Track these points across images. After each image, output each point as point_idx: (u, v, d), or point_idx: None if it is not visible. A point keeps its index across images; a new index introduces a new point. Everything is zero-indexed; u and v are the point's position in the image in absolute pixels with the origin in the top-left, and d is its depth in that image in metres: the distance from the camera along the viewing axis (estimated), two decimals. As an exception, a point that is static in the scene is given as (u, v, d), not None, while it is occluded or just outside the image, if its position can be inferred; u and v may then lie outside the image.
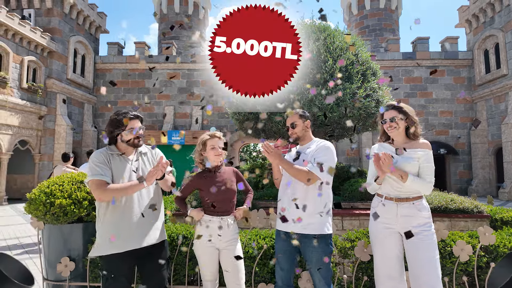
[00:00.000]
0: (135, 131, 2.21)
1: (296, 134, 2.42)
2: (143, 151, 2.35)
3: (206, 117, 18.31)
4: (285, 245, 2.30)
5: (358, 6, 24.16)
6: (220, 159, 2.38)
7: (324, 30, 6.01)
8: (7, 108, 13.25)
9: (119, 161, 2.22)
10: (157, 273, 2.24)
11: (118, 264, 2.13)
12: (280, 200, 2.41)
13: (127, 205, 2.17)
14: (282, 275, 2.31)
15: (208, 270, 2.32)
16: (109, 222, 2.14)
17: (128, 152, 2.28)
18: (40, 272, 4.46)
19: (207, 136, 2.40)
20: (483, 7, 17.04)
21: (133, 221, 2.16)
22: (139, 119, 2.29)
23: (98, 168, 2.10)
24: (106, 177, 2.08)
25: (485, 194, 16.53)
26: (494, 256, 2.72)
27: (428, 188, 2.17)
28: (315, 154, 2.29)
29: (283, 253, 2.31)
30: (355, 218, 4.72)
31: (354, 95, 5.36)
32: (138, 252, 2.18)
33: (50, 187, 2.87)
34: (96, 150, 2.29)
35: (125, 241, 2.12)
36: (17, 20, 13.66)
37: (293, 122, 2.42)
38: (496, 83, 16.30)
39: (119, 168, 2.18)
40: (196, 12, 24.27)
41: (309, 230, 2.22)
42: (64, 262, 2.74)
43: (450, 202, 4.62)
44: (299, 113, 2.44)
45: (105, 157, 2.18)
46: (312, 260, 2.22)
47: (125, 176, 2.18)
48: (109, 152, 2.22)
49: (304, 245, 2.24)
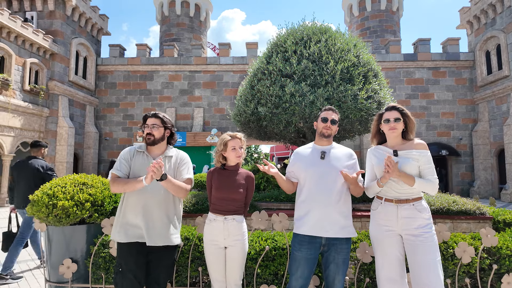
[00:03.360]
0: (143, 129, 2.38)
1: (331, 131, 2.42)
2: (169, 155, 2.42)
3: (208, 118, 18.34)
4: (310, 252, 2.22)
5: (359, 8, 24.17)
6: (240, 160, 2.43)
7: (325, 32, 6.02)
8: (10, 110, 13.31)
9: (142, 158, 2.36)
10: (161, 274, 2.27)
11: (125, 255, 2.24)
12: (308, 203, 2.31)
13: (140, 201, 2.27)
14: (302, 283, 2.21)
15: (213, 269, 2.34)
16: (124, 212, 2.30)
17: (154, 152, 2.40)
18: (42, 274, 4.47)
19: (228, 137, 2.42)
20: (485, 8, 17.03)
21: (147, 218, 2.25)
22: (158, 118, 2.40)
23: (118, 163, 2.33)
24: (119, 172, 2.28)
25: (487, 195, 16.46)
26: (496, 258, 2.71)
27: (435, 187, 2.19)
28: (353, 166, 2.37)
29: (305, 262, 2.21)
30: (357, 219, 4.71)
31: (356, 96, 5.36)
32: (147, 250, 2.25)
33: (52, 189, 2.89)
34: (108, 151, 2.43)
35: (132, 234, 2.23)
36: (19, 22, 13.73)
37: (335, 119, 2.43)
38: (498, 84, 16.26)
39: (140, 165, 2.33)
40: (198, 14, 24.34)
41: (344, 234, 2.23)
42: (66, 263, 2.75)
43: (452, 204, 4.60)
44: (338, 115, 2.48)
45: (129, 153, 2.37)
46: (338, 262, 2.21)
47: (141, 173, 2.29)
48: (137, 149, 2.40)
49: (331, 247, 2.22)
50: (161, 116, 2.41)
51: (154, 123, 2.36)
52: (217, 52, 34.24)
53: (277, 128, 5.65)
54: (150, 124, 2.35)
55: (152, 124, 2.35)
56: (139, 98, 18.57)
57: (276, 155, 33.30)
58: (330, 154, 2.37)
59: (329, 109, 2.47)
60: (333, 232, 2.20)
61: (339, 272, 2.19)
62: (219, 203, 2.35)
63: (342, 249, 2.21)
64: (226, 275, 2.34)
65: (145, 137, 2.36)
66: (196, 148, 16.74)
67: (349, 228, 2.26)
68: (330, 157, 2.35)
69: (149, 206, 2.26)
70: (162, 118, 2.41)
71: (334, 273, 2.19)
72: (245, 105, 6.00)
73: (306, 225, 2.24)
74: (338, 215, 2.23)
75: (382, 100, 5.72)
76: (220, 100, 18.43)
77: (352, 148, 17.72)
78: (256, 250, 2.77)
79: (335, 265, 2.19)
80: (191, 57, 18.59)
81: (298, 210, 2.34)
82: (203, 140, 16.53)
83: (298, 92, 5.31)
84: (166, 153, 2.41)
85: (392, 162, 2.11)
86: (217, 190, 2.36)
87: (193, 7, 23.97)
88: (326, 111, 2.46)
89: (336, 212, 2.23)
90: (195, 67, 18.54)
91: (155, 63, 18.63)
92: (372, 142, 2.48)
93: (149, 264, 2.28)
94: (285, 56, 5.83)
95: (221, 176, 2.41)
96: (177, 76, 18.66)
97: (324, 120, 2.41)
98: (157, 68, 18.65)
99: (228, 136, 2.42)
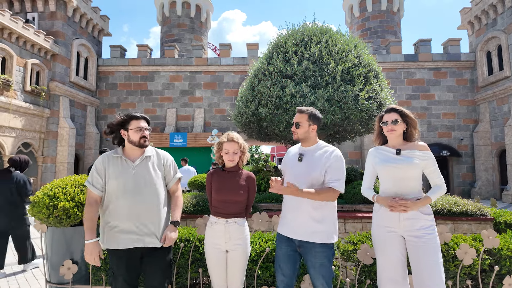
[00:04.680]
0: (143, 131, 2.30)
1: (297, 135, 2.32)
2: (147, 155, 2.36)
3: (209, 119, 18.35)
4: (289, 249, 2.26)
5: (360, 8, 24.17)
6: (232, 164, 2.38)
7: (326, 32, 6.02)
8: (11, 111, 13.33)
9: (120, 163, 2.28)
10: (156, 276, 2.25)
11: (115, 261, 2.22)
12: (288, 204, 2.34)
13: (120, 206, 2.21)
14: (286, 282, 2.24)
15: (214, 273, 2.33)
16: (110, 218, 2.24)
17: (133, 154, 2.33)
18: (43, 274, 4.47)
19: (225, 139, 2.38)
20: (485, 9, 17.01)
21: (137, 222, 2.21)
22: (146, 120, 2.37)
23: (91, 176, 2.28)
24: (92, 187, 2.24)
25: (488, 196, 16.43)
26: (498, 259, 2.70)
27: (444, 188, 2.26)
28: (331, 166, 2.19)
29: (286, 259, 2.26)
30: (358, 221, 4.71)
31: (356, 97, 5.35)
32: (137, 254, 2.23)
33: (53, 190, 2.89)
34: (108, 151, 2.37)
35: (124, 240, 2.19)
36: (20, 23, 13.76)
37: (299, 122, 2.30)
38: (499, 85, 16.24)
39: (118, 171, 2.25)
40: (198, 15, 24.36)
41: (316, 239, 2.16)
42: (67, 264, 2.75)
43: (453, 205, 4.59)
44: (308, 115, 2.30)
45: (103, 163, 2.28)
46: (315, 266, 2.17)
47: (125, 179, 2.24)
48: (113, 154, 2.31)
49: (306, 250, 2.20)
50: (147, 117, 2.40)
51: (147, 126, 2.34)
52: (217, 53, 34.26)
53: (277, 129, 5.64)
54: (143, 127, 2.31)
55: (145, 127, 2.32)
56: (140, 98, 18.59)
57: (277, 155, 33.29)
58: (308, 157, 2.28)
59: (297, 111, 2.36)
60: (303, 236, 2.18)
61: (318, 276, 2.15)
62: (219, 205, 2.33)
63: (317, 252, 2.16)
64: (227, 279, 2.32)
65: (139, 141, 2.28)
66: (197, 149, 16.74)
67: (321, 233, 2.17)
68: (307, 159, 2.27)
69: (138, 209, 2.21)
70: (149, 119, 2.40)
71: (314, 277, 2.18)
72: (246, 106, 6.00)
73: (283, 226, 2.33)
74: (310, 219, 2.18)
75: (383, 100, 5.71)
76: (220, 100, 18.43)
77: (353, 149, 17.69)
78: (257, 252, 2.76)
79: (313, 270, 2.18)
80: (192, 58, 18.60)
81: (282, 210, 2.44)
82: (204, 141, 16.52)
83: (299, 93, 5.31)
84: (146, 154, 2.35)
85: (400, 204, 2.15)
86: (217, 193, 2.33)
87: (194, 8, 24.00)
88: (296, 114, 2.36)
89: (307, 217, 2.19)
90: (196, 68, 18.55)
91: (156, 63, 18.65)
92: (375, 142, 2.48)
93: (144, 267, 2.26)
94: (285, 57, 5.82)
95: (221, 178, 2.38)
96: (177, 77, 18.67)
97: (294, 125, 2.36)
98: (158, 69, 18.67)
99: (224, 138, 2.38)
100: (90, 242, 2.13)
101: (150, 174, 2.30)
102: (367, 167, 2.45)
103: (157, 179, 2.32)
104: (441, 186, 2.24)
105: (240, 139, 2.39)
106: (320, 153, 2.26)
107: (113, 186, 2.22)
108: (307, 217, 2.19)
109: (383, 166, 2.28)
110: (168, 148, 16.14)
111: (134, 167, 2.27)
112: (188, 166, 10.00)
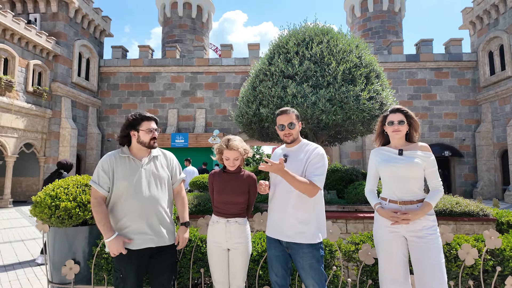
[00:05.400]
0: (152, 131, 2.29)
1: (292, 136, 2.31)
2: (155, 154, 2.38)
3: (210, 119, 18.36)
4: (277, 251, 2.27)
5: (361, 9, 24.17)
6: (233, 168, 2.37)
7: (327, 33, 6.01)
8: (13, 111, 13.38)
9: (128, 163, 2.28)
10: (165, 275, 2.26)
11: (126, 262, 2.18)
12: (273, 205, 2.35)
13: (130, 204, 2.20)
14: (281, 283, 2.26)
15: (216, 271, 2.34)
16: (122, 219, 2.21)
17: (140, 154, 2.33)
18: (45, 274, 4.49)
19: (225, 146, 2.32)
20: (487, 8, 16.97)
21: (150, 221, 2.21)
22: (155, 120, 2.37)
23: (97, 174, 2.22)
24: (98, 187, 2.19)
25: (490, 196, 16.38)
26: (500, 260, 2.69)
27: (442, 192, 2.26)
28: (311, 161, 2.20)
29: (276, 260, 2.27)
30: (360, 221, 4.70)
31: (358, 97, 5.35)
32: (147, 253, 2.22)
33: (55, 190, 2.89)
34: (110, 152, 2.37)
35: (139, 241, 2.18)
36: (23, 24, 13.82)
37: (292, 122, 2.30)
38: (501, 84, 16.19)
39: (127, 170, 2.24)
40: (200, 16, 24.40)
41: (302, 239, 2.15)
42: (69, 265, 2.75)
43: (455, 205, 4.58)
44: (295, 113, 2.32)
45: (109, 161, 2.25)
46: (304, 267, 2.16)
47: (134, 178, 2.23)
48: (120, 154, 2.30)
49: (294, 251, 2.19)
50: (157, 119, 2.41)
51: (156, 127, 2.36)
52: (219, 53, 34.29)
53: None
54: (153, 128, 2.31)
55: (155, 129, 2.33)
56: (142, 99, 18.63)
57: (278, 156, 33.07)
58: (293, 158, 2.28)
59: (281, 113, 2.32)
60: (289, 238, 2.18)
61: (308, 277, 2.14)
62: (220, 206, 2.35)
63: (305, 253, 2.14)
64: (229, 277, 2.34)
65: (149, 142, 2.29)
66: (198, 149, 16.76)
67: (307, 234, 2.15)
68: (291, 160, 2.28)
69: (150, 208, 2.22)
70: (157, 120, 2.41)
71: (305, 278, 2.17)
72: (247, 106, 6.01)
73: (269, 227, 2.34)
74: (294, 220, 2.18)
75: (384, 101, 5.70)
76: (222, 101, 18.45)
77: (354, 149, 17.68)
78: (258, 252, 2.76)
79: (303, 271, 2.17)
80: (193, 59, 18.63)
81: (268, 211, 2.43)
82: (205, 141, 16.55)
83: (300, 93, 5.31)
84: (153, 153, 2.36)
85: (402, 218, 2.16)
86: (218, 194, 2.35)
87: (195, 8, 24.05)
88: (280, 115, 2.32)
89: (292, 217, 2.19)
90: (197, 68, 18.57)
91: (157, 64, 18.68)
92: (375, 143, 2.48)
93: (153, 266, 2.27)
94: (287, 57, 5.83)
95: (222, 179, 2.39)
96: (179, 77, 18.70)
97: (281, 128, 2.31)
98: (159, 70, 18.71)
99: (224, 145, 2.33)
100: (112, 239, 2.09)
101: (160, 174, 2.33)
102: (370, 168, 2.45)
103: (167, 179, 2.36)
104: (439, 190, 2.24)
105: (240, 146, 2.33)
106: (304, 152, 2.28)
107: (123, 186, 2.20)
108: (293, 217, 2.19)
109: (385, 166, 2.28)
110: (170, 148, 16.14)
111: (143, 166, 2.28)
112: (192, 167, 10.06)
